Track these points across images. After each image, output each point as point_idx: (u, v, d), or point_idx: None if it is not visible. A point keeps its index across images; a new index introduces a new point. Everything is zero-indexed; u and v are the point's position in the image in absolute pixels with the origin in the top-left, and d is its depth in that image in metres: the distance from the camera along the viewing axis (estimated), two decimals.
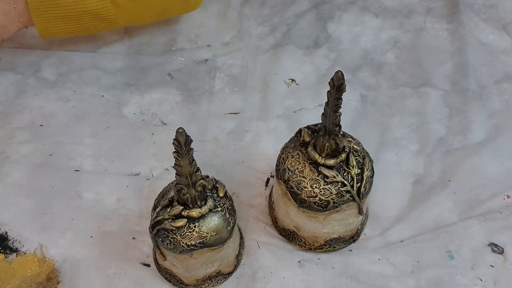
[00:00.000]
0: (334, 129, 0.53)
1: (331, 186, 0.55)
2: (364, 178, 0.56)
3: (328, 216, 0.57)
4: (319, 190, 0.55)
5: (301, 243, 0.61)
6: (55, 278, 0.60)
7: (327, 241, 0.60)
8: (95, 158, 0.71)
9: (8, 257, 0.62)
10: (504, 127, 0.73)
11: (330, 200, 0.55)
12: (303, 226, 0.59)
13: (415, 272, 0.60)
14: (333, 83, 0.50)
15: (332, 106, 0.51)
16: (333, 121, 0.52)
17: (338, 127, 0.53)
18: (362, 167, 0.56)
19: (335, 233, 0.59)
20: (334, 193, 0.55)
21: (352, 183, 0.55)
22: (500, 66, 0.81)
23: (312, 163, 0.56)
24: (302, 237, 0.60)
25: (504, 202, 0.66)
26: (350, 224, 0.59)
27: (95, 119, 0.76)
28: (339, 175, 0.55)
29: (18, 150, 0.72)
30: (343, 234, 0.60)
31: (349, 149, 0.56)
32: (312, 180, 0.55)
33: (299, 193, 0.56)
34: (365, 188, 0.56)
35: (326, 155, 0.55)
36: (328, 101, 0.52)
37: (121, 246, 0.63)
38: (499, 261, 0.61)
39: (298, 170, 0.56)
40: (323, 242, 0.60)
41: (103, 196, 0.67)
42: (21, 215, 0.65)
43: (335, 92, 0.50)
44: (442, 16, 0.88)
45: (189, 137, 0.49)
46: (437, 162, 0.70)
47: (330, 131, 0.53)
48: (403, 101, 0.77)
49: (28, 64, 0.83)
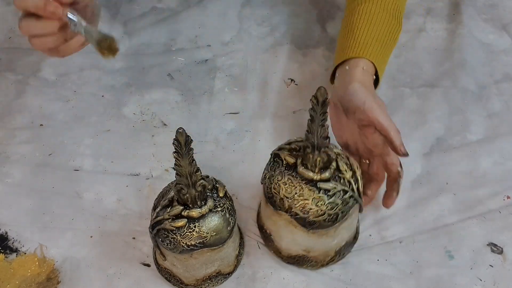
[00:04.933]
0: (324, 143, 0.53)
1: (336, 198, 0.54)
2: (358, 177, 0.56)
3: (338, 228, 0.56)
4: (325, 206, 0.54)
5: (312, 263, 0.60)
6: (55, 278, 0.60)
7: (337, 251, 0.59)
8: (95, 158, 0.71)
9: (8, 257, 0.62)
10: (504, 127, 0.73)
11: (339, 211, 0.54)
12: (313, 246, 0.58)
13: (415, 272, 0.60)
14: (317, 100, 0.50)
15: (319, 121, 0.51)
16: (322, 135, 0.52)
17: (327, 139, 0.53)
18: (352, 169, 0.56)
19: (343, 240, 0.59)
20: (340, 203, 0.54)
21: (351, 186, 0.55)
22: (500, 66, 0.81)
23: (308, 183, 0.54)
24: (313, 257, 0.59)
25: (504, 202, 0.66)
26: (352, 227, 0.59)
27: (95, 119, 0.76)
28: (338, 184, 0.54)
29: (18, 150, 0.72)
30: (349, 239, 0.60)
31: (334, 155, 0.56)
32: (315, 199, 0.54)
33: (306, 216, 0.54)
34: (362, 186, 0.57)
35: (319, 170, 0.54)
36: (312, 118, 0.52)
37: (121, 246, 0.63)
38: (498, 261, 0.61)
39: (297, 195, 0.54)
40: (333, 254, 0.59)
41: (103, 196, 0.67)
42: (21, 215, 0.65)
43: (320, 108, 0.50)
44: (442, 16, 0.88)
45: (189, 137, 0.49)
46: (436, 162, 0.70)
47: (320, 146, 0.53)
48: (402, 101, 0.77)
49: (28, 64, 0.83)
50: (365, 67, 0.62)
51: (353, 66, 0.62)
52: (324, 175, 0.54)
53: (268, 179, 0.57)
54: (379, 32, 0.65)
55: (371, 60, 0.63)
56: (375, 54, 0.63)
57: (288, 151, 0.57)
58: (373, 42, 0.64)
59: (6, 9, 0.92)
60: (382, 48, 0.65)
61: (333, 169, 0.54)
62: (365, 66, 0.62)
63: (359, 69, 0.62)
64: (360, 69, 0.62)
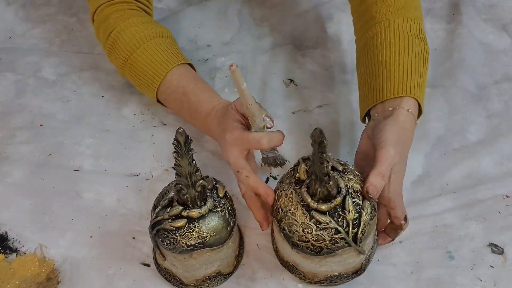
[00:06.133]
0: (323, 179, 0.51)
1: (324, 232, 0.52)
2: (362, 222, 0.52)
3: (323, 259, 0.54)
4: (311, 236, 0.52)
5: (301, 276, 0.58)
6: (55, 278, 0.60)
7: (327, 277, 0.57)
8: (95, 158, 0.71)
9: (8, 257, 0.62)
10: (504, 127, 0.73)
11: (324, 246, 0.52)
12: (299, 264, 0.57)
13: (415, 272, 0.60)
14: (314, 140, 0.48)
15: (317, 160, 0.49)
16: (321, 172, 0.50)
17: (327, 176, 0.50)
18: (360, 211, 0.53)
19: (335, 271, 0.57)
20: (328, 240, 0.52)
21: (347, 229, 0.52)
22: (500, 66, 0.81)
23: (304, 205, 0.53)
24: (301, 271, 0.58)
25: (504, 202, 0.65)
26: (350, 263, 0.56)
27: (95, 119, 0.76)
28: (333, 221, 0.52)
29: (18, 150, 0.72)
30: (345, 271, 0.57)
31: (346, 190, 0.53)
32: (304, 225, 0.52)
33: (291, 236, 0.53)
34: (363, 233, 0.53)
35: (319, 199, 0.52)
36: (313, 153, 0.50)
37: (121, 246, 0.63)
38: (499, 262, 0.61)
39: (290, 212, 0.53)
40: (322, 278, 0.57)
41: (103, 196, 0.67)
42: (21, 215, 0.65)
43: (317, 147, 0.48)
44: (442, 16, 0.88)
45: (189, 137, 0.49)
46: (436, 162, 0.70)
47: (320, 179, 0.51)
48: None
49: (28, 64, 0.83)
50: (410, 109, 0.59)
51: (395, 106, 0.59)
52: (321, 206, 0.52)
53: (279, 182, 0.57)
54: (411, 61, 0.61)
55: (413, 96, 0.59)
56: (415, 88, 0.60)
57: (307, 164, 0.55)
58: (409, 75, 0.60)
59: (6, 9, 0.92)
60: (420, 78, 0.61)
61: (334, 204, 0.52)
62: (409, 108, 0.59)
63: (403, 111, 0.58)
64: (405, 112, 0.58)
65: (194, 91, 0.66)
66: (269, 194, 0.55)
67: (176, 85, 0.67)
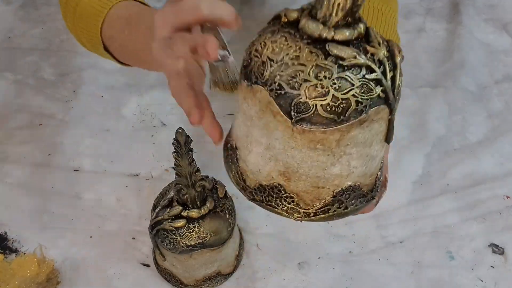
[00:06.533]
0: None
1: (352, 74, 0.32)
2: (398, 65, 0.35)
3: (344, 137, 0.34)
4: (331, 82, 0.32)
5: (293, 205, 0.37)
6: (55, 278, 0.60)
7: (337, 194, 0.37)
8: (94, 158, 0.71)
9: (7, 257, 0.62)
10: (504, 127, 0.73)
11: (352, 98, 0.32)
12: (298, 166, 0.35)
13: (416, 272, 0.60)
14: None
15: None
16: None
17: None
18: (391, 50, 0.35)
19: (350, 177, 0.36)
20: (358, 86, 0.32)
21: (383, 69, 0.33)
22: (500, 66, 0.81)
23: (312, 42, 0.33)
24: (294, 195, 0.36)
25: (504, 203, 0.65)
26: (373, 158, 0.37)
27: (95, 119, 0.76)
28: (362, 55, 0.33)
29: (17, 150, 0.72)
30: (361, 182, 0.37)
31: (364, 23, 0.35)
32: (318, 68, 0.32)
33: (296, 94, 0.32)
34: (400, 83, 0.35)
35: (336, 24, 0.33)
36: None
37: (121, 246, 0.63)
38: (499, 262, 0.61)
39: (289, 57, 0.33)
40: (329, 199, 0.37)
41: (102, 196, 0.67)
42: (20, 215, 0.65)
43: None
44: (442, 16, 0.88)
45: (189, 137, 0.49)
46: (436, 163, 0.70)
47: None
48: (402, 102, 0.76)
49: (27, 64, 0.83)
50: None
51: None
52: (341, 34, 0.33)
53: (251, 43, 0.38)
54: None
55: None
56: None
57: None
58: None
59: (6, 9, 0.92)
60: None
61: (357, 32, 0.33)
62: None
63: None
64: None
65: (139, 12, 0.54)
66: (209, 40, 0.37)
67: (118, 15, 0.55)
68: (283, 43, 0.34)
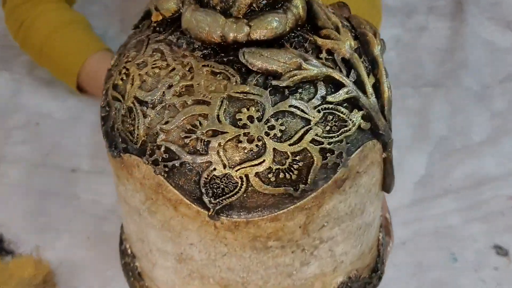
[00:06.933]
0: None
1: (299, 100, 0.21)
2: (378, 58, 0.24)
3: (314, 216, 0.22)
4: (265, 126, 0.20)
5: None
6: (52, 280, 0.59)
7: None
8: (92, 158, 0.70)
9: (3, 259, 0.61)
10: (507, 127, 0.73)
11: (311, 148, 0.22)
12: (244, 281, 0.23)
13: (418, 274, 0.59)
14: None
15: None
16: None
17: None
18: (360, 34, 0.24)
19: (340, 270, 0.26)
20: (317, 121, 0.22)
21: (355, 75, 0.23)
22: (504, 65, 0.81)
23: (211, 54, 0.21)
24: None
25: (507, 204, 0.65)
26: (370, 226, 0.27)
27: (93, 119, 0.75)
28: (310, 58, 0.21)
29: (14, 150, 0.71)
30: (359, 267, 0.27)
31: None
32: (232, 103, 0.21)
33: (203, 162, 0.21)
34: (390, 93, 0.23)
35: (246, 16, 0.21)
36: None
37: (119, 248, 0.62)
38: (503, 263, 0.60)
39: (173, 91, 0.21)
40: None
41: (100, 196, 0.66)
42: (17, 216, 0.65)
43: None
44: (444, 14, 0.88)
45: None
46: (439, 163, 0.69)
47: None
48: (404, 101, 0.77)
49: (24, 63, 0.83)
50: None
51: None
52: (263, 24, 0.21)
53: (107, 73, 0.26)
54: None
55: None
56: None
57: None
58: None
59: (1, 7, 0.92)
60: None
61: (293, 14, 0.21)
62: None
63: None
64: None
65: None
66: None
67: (97, 68, 0.67)
68: (158, 65, 0.20)
